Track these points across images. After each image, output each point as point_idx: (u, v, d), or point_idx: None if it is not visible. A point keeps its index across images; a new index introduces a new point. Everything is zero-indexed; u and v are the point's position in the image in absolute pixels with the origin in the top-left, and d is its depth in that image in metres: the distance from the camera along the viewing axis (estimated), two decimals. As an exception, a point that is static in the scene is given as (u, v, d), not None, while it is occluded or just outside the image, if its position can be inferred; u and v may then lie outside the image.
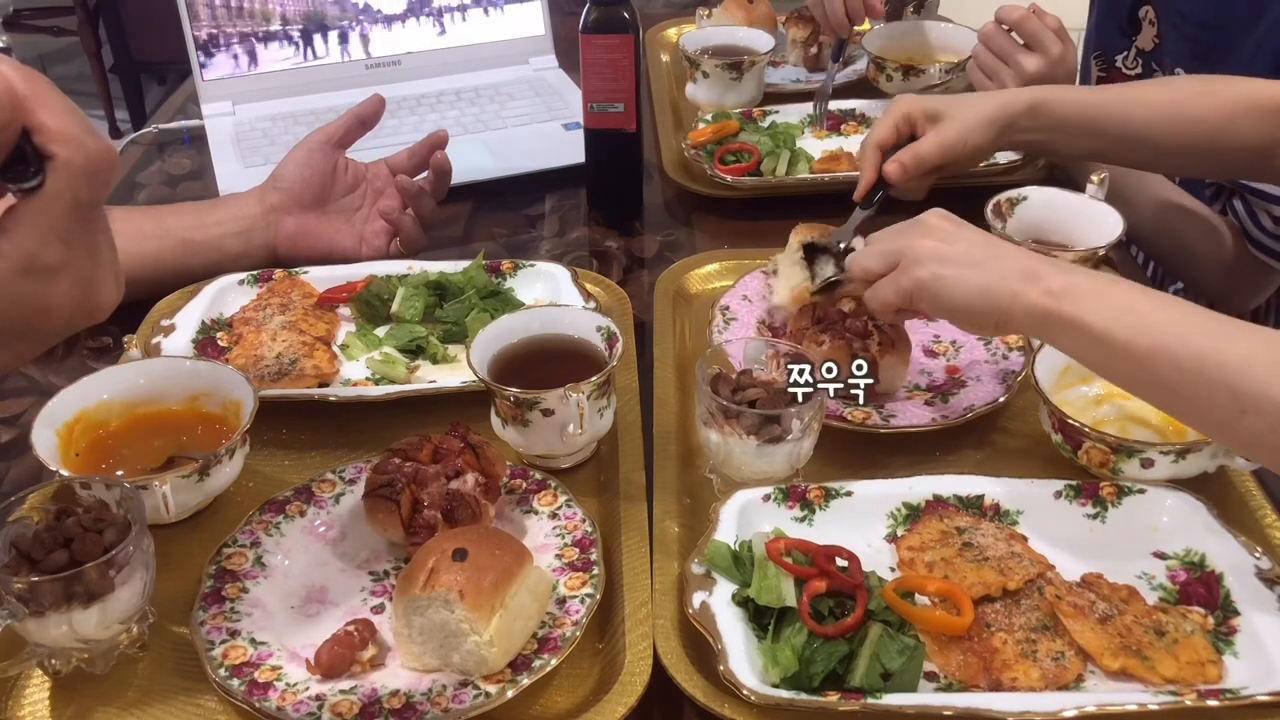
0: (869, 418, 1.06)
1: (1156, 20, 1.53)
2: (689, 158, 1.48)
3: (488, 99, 1.70)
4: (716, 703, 0.80)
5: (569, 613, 0.86)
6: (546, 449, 1.02)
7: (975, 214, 1.34)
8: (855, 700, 0.79)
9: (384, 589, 0.92)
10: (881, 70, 1.66)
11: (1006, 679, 0.82)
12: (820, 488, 0.97)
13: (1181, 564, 0.92)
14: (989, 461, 1.05)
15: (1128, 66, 1.60)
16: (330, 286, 1.24)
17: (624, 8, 1.33)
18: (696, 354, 1.14)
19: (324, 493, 0.99)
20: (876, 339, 1.07)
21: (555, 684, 0.85)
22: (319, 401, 1.08)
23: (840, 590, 0.86)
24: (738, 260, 1.31)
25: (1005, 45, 1.47)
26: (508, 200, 1.50)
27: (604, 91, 1.37)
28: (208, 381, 1.03)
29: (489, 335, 1.06)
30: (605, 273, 1.33)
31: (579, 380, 0.97)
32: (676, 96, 1.73)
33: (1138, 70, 1.58)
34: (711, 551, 0.89)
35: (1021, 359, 1.12)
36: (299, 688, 0.82)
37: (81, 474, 0.94)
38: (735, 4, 1.83)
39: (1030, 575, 0.89)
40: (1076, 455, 1.00)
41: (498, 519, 0.96)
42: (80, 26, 4.01)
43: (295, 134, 1.60)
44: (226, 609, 0.88)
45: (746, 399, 0.96)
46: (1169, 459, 0.96)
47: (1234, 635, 0.86)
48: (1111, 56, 1.62)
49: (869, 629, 0.83)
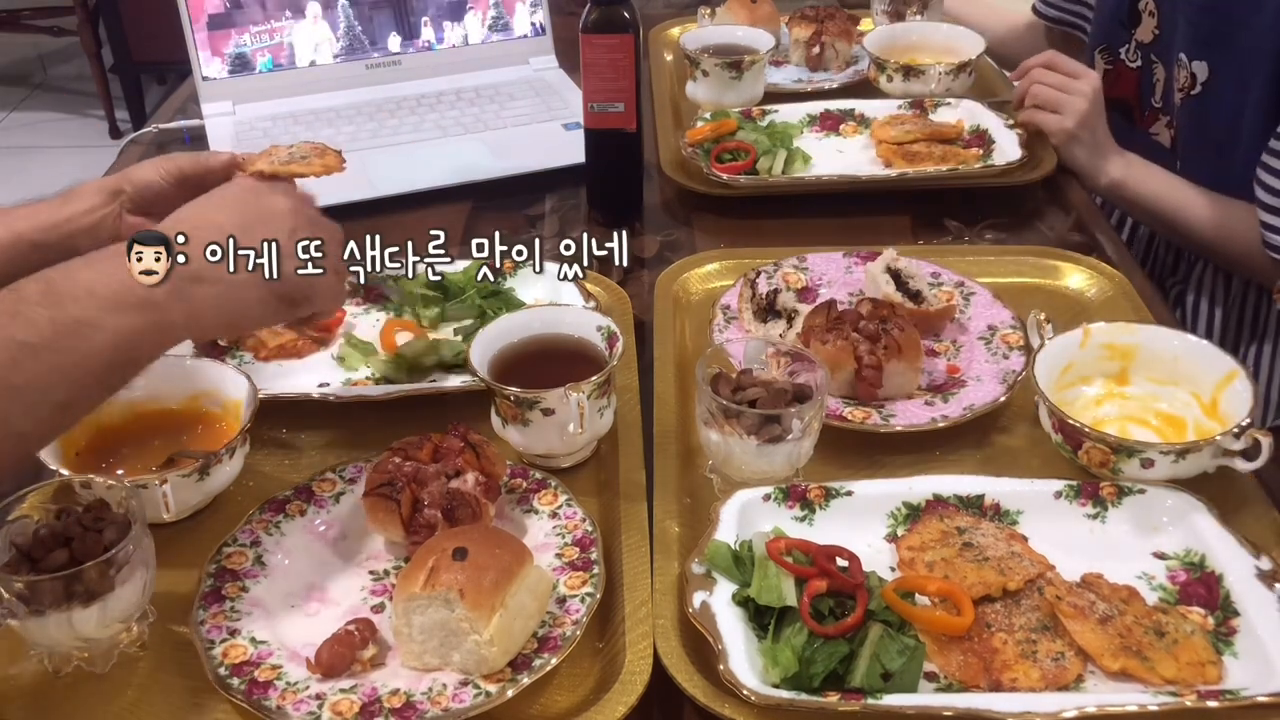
0: (869, 418, 1.06)
1: (1156, 11, 1.53)
2: (686, 155, 1.48)
3: (488, 99, 1.70)
4: (717, 703, 0.80)
5: (569, 612, 0.86)
6: (546, 448, 1.02)
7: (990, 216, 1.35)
8: (855, 700, 0.79)
9: (384, 588, 0.92)
10: (882, 70, 1.67)
11: (1007, 679, 0.82)
12: (820, 487, 0.97)
13: (1181, 564, 0.92)
14: (989, 461, 1.05)
15: (1130, 59, 1.60)
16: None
17: (624, 7, 1.32)
18: (696, 354, 1.14)
19: (324, 492, 0.99)
20: (883, 343, 1.07)
21: (555, 683, 0.84)
22: (319, 401, 1.08)
23: (841, 590, 0.85)
24: (737, 260, 1.31)
25: (1057, 79, 1.51)
26: (508, 200, 1.50)
27: (604, 91, 1.36)
28: (208, 381, 1.04)
29: (489, 335, 1.06)
30: (605, 273, 1.33)
31: (579, 380, 0.97)
32: (678, 96, 1.73)
33: (1138, 63, 1.58)
34: (712, 551, 0.89)
35: (1021, 359, 1.12)
36: (299, 687, 0.82)
37: (81, 473, 0.94)
38: (738, 3, 1.83)
39: (1030, 575, 0.89)
40: (1076, 455, 1.00)
41: (498, 518, 0.96)
42: (80, 26, 4.01)
43: (295, 134, 1.60)
44: (226, 608, 0.88)
45: (746, 399, 0.96)
46: (1169, 459, 0.96)
47: (1234, 635, 0.86)
48: (1115, 49, 1.62)
49: (869, 629, 0.83)
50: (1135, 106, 1.62)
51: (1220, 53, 1.42)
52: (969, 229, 1.42)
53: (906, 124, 1.53)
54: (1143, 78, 1.59)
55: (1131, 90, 1.62)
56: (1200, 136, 1.49)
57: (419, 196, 1.49)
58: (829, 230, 1.40)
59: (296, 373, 1.15)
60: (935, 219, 1.44)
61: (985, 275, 1.27)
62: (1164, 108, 1.56)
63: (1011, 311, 1.19)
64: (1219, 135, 1.45)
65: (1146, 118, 1.60)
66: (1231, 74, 1.42)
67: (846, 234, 1.38)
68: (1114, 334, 1.09)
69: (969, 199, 1.46)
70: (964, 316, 1.20)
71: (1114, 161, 1.50)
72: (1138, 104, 1.62)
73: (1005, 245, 1.37)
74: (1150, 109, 1.59)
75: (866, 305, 1.13)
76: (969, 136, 1.53)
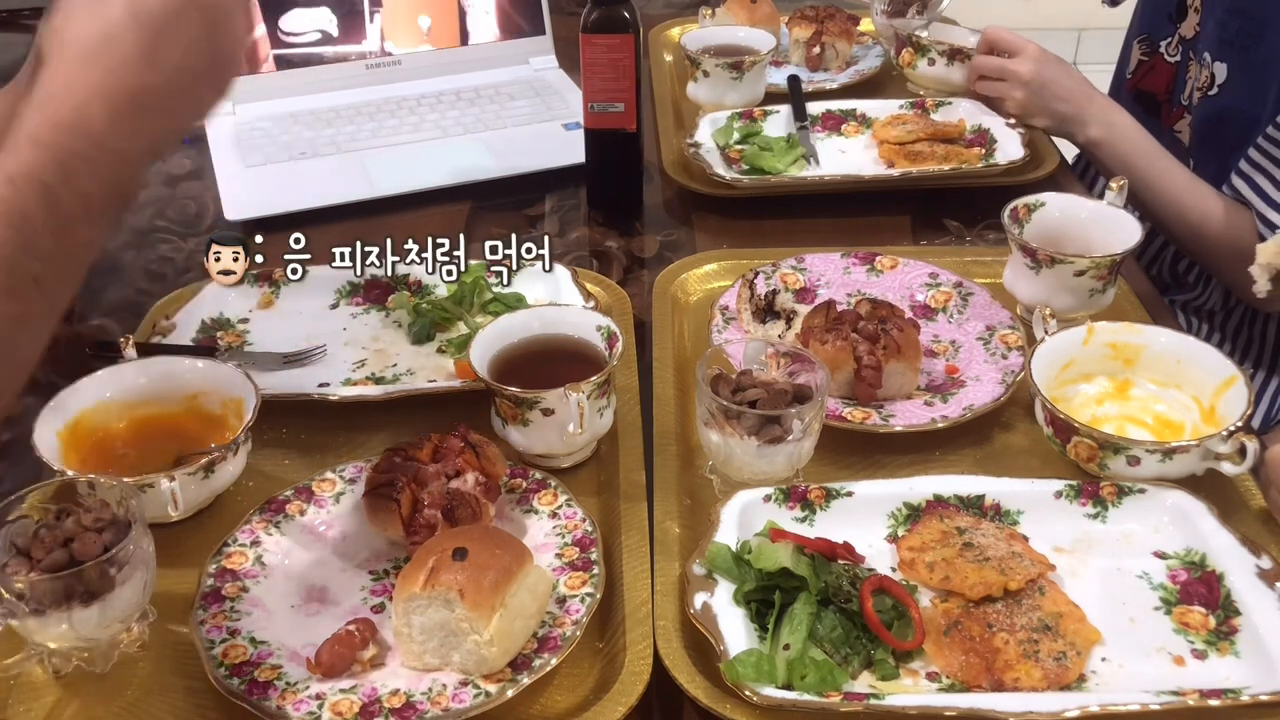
0: (869, 418, 1.06)
1: (1201, 7, 1.52)
2: (689, 156, 1.48)
3: (488, 99, 1.70)
4: (718, 703, 0.80)
5: (569, 612, 0.86)
6: (546, 449, 1.02)
7: (991, 216, 1.35)
8: (857, 701, 0.79)
9: (384, 588, 0.92)
10: (923, 54, 1.67)
11: (1009, 679, 0.82)
12: (820, 488, 0.96)
13: (1182, 564, 0.92)
14: (989, 461, 1.05)
15: (1170, 53, 1.59)
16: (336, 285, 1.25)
17: (624, 7, 1.32)
18: (696, 354, 1.14)
19: (324, 492, 0.99)
20: (882, 344, 1.07)
21: (555, 684, 0.84)
22: (319, 401, 1.08)
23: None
24: (737, 260, 1.31)
25: (993, 64, 1.56)
26: (508, 200, 1.50)
27: (604, 91, 1.36)
28: (208, 380, 1.03)
29: (489, 335, 1.06)
30: (605, 273, 1.33)
31: (579, 380, 0.97)
32: (678, 96, 1.73)
33: (1177, 58, 1.57)
34: (713, 553, 0.89)
35: (1020, 359, 1.12)
36: (299, 687, 0.82)
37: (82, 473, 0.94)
38: (738, 3, 1.83)
39: (1031, 575, 0.88)
40: (1065, 449, 1.00)
41: (498, 518, 0.96)
42: (80, 26, 4.01)
43: (295, 134, 1.60)
44: (226, 608, 0.88)
45: (747, 399, 0.96)
46: (1155, 458, 0.96)
47: (1235, 635, 0.86)
48: (1156, 41, 1.61)
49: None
50: (1165, 102, 1.60)
51: (1241, 56, 1.42)
52: (969, 229, 1.42)
53: (908, 124, 1.53)
54: (1178, 73, 1.58)
55: (1164, 85, 1.60)
56: (1211, 138, 1.48)
57: (419, 196, 1.49)
58: (829, 230, 1.41)
59: (297, 373, 1.15)
60: (935, 219, 1.44)
61: (985, 275, 1.27)
62: (1190, 105, 1.55)
63: (1010, 312, 1.19)
64: (1230, 139, 1.44)
65: (1174, 114, 1.59)
66: (1248, 79, 1.41)
67: (847, 234, 1.38)
68: (1118, 333, 1.09)
69: (969, 199, 1.46)
70: (962, 317, 1.20)
71: (1092, 125, 1.50)
72: (1168, 100, 1.60)
73: (1005, 245, 1.37)
74: (1179, 105, 1.58)
75: (865, 305, 1.13)
76: (971, 136, 1.53)
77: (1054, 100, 1.51)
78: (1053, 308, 1.12)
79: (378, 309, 1.24)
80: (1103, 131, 1.49)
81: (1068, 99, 1.51)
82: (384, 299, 1.25)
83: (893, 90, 1.74)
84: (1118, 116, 1.49)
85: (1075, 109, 1.50)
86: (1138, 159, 1.45)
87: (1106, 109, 1.50)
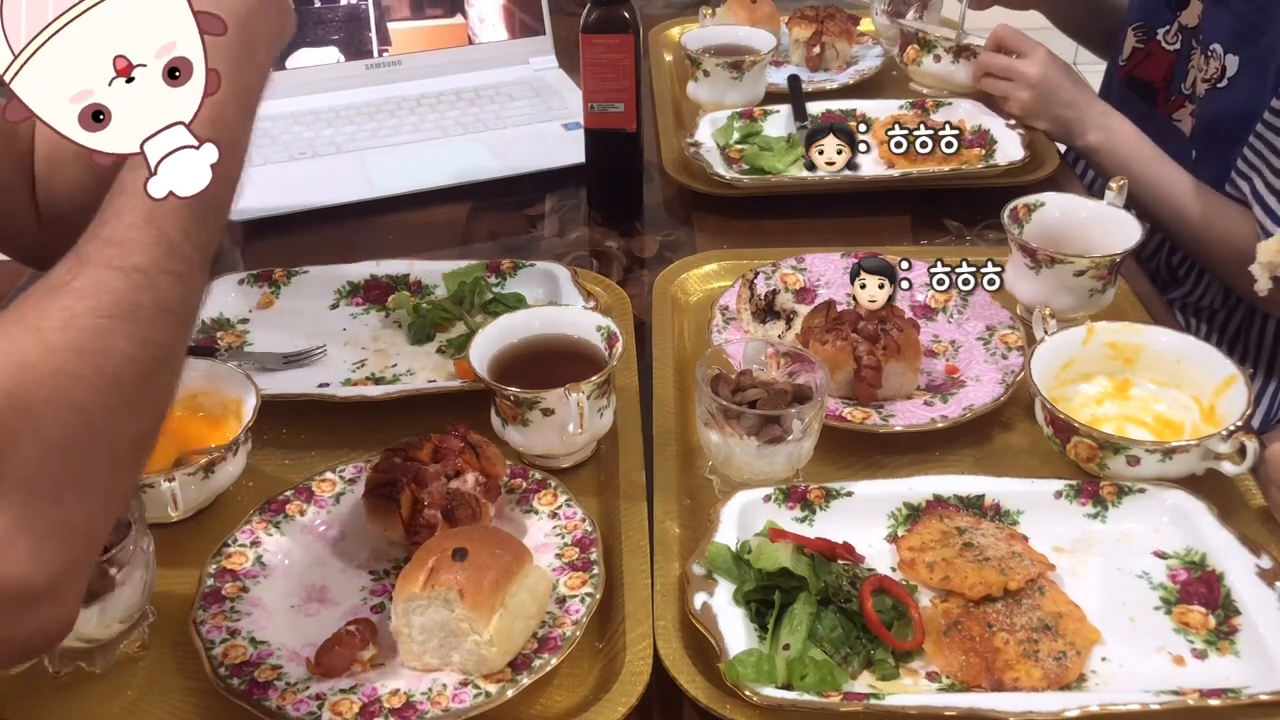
0: (868, 418, 1.06)
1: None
2: (689, 156, 1.48)
3: (488, 99, 1.70)
4: (718, 704, 0.80)
5: (569, 612, 0.86)
6: (546, 449, 1.02)
7: (991, 216, 1.35)
8: (857, 701, 0.79)
9: (384, 588, 0.92)
10: (929, 50, 1.66)
11: (1009, 679, 0.82)
12: (820, 488, 0.96)
13: (1182, 563, 0.92)
14: (989, 461, 1.05)
15: (1168, 41, 1.58)
16: (335, 285, 1.25)
17: (624, 7, 1.32)
18: (696, 354, 1.14)
19: (324, 492, 0.99)
20: (882, 344, 1.07)
21: (555, 684, 0.84)
22: (319, 401, 1.08)
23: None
24: (737, 260, 1.31)
25: (1000, 63, 1.56)
26: (508, 200, 1.50)
27: (604, 91, 1.36)
28: (208, 380, 1.03)
29: (489, 335, 1.06)
30: (605, 273, 1.33)
31: (579, 380, 0.97)
32: (678, 96, 1.73)
33: (1176, 45, 1.56)
34: (713, 554, 0.89)
35: (1021, 359, 1.12)
36: (299, 687, 0.82)
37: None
38: (738, 3, 1.83)
39: (1031, 575, 0.88)
40: (1065, 449, 1.00)
41: (498, 518, 0.96)
42: (80, 26, 4.01)
43: (295, 134, 1.60)
44: (226, 608, 0.88)
45: (746, 399, 0.96)
46: (1155, 458, 0.96)
47: (1235, 634, 0.86)
48: (1153, 29, 1.60)
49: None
50: (1161, 90, 1.60)
51: (1253, 49, 1.41)
52: (969, 229, 1.42)
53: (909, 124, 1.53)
54: (1178, 62, 1.56)
55: (1161, 74, 1.59)
56: (1217, 130, 1.47)
57: (419, 196, 1.48)
58: (829, 230, 1.41)
59: (297, 373, 1.15)
60: (935, 219, 1.44)
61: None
62: (1193, 95, 1.54)
63: (1010, 312, 1.19)
64: (1235, 132, 1.43)
65: (1172, 103, 1.58)
66: (1259, 72, 1.40)
67: (847, 234, 1.38)
68: (1118, 333, 1.09)
69: (969, 199, 1.46)
70: (962, 317, 1.20)
71: (1091, 130, 1.50)
72: (1164, 88, 1.59)
73: (1005, 245, 1.37)
74: (1178, 94, 1.56)
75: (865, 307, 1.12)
76: (970, 136, 1.53)
77: (1058, 105, 1.51)
78: (1052, 308, 1.13)
79: (378, 309, 1.24)
80: (1102, 137, 1.49)
81: (1071, 104, 1.51)
82: (384, 299, 1.25)
83: (893, 90, 1.74)
84: (1117, 122, 1.49)
85: (1077, 114, 1.51)
86: (1138, 165, 1.45)
87: (1106, 115, 1.50)
